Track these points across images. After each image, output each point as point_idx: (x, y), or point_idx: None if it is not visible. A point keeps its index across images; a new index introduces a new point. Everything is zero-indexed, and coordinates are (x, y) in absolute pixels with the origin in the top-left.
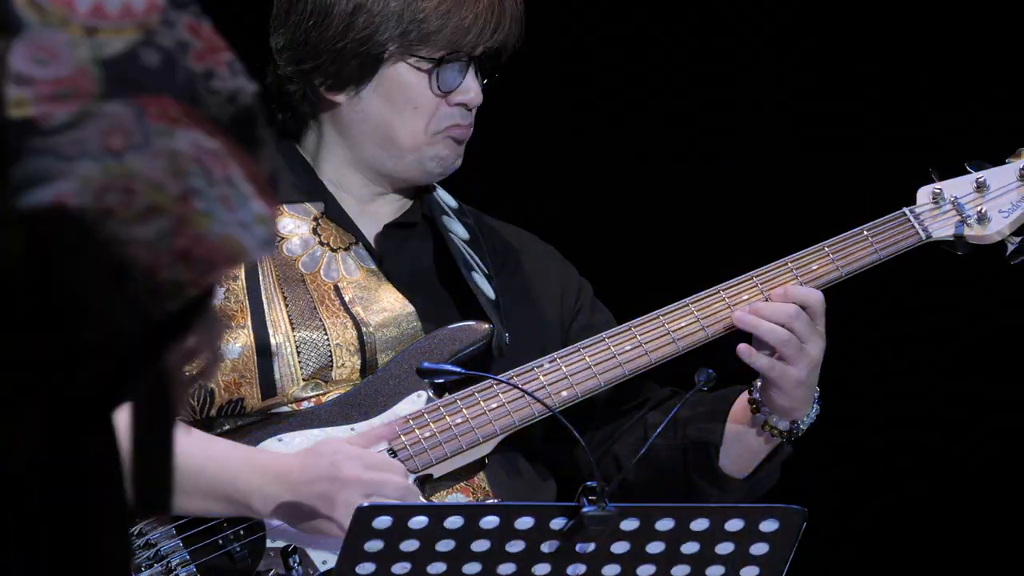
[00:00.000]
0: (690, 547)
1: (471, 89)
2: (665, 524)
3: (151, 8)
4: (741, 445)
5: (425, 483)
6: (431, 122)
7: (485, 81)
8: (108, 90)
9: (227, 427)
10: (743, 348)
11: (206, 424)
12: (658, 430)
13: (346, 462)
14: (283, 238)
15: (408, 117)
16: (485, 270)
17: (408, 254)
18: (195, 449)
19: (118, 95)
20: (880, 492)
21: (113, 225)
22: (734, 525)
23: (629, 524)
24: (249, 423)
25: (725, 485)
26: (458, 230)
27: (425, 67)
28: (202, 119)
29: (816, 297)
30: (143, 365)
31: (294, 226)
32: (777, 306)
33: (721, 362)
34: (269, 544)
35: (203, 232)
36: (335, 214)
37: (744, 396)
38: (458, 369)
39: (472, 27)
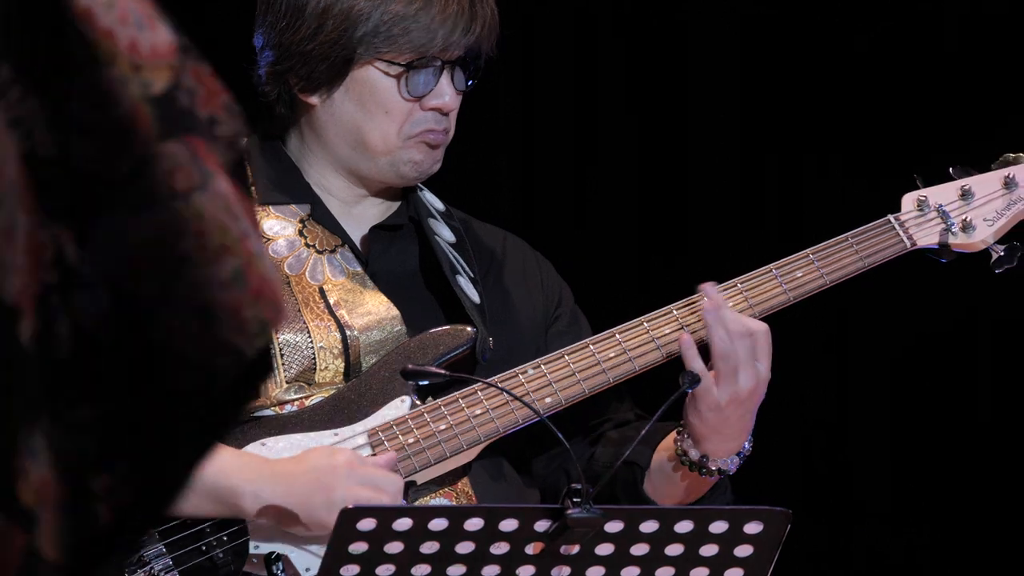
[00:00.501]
0: (674, 549)
1: (445, 93)
2: (649, 526)
3: (171, 50)
4: (662, 474)
5: (408, 489)
6: (404, 126)
7: (470, 83)
8: (163, 130)
9: None
10: (686, 338)
11: None
12: (651, 422)
13: (340, 453)
14: (268, 240)
15: (380, 121)
16: (471, 274)
17: (394, 257)
18: None
19: (173, 135)
20: (868, 495)
21: (192, 270)
22: (718, 527)
23: (614, 526)
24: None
25: None
26: (444, 233)
27: (395, 71)
28: (222, 165)
29: (761, 328)
30: (241, 402)
31: (280, 228)
32: (740, 318)
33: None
34: (252, 550)
35: (264, 273)
36: (321, 216)
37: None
38: (442, 371)
39: (440, 30)
